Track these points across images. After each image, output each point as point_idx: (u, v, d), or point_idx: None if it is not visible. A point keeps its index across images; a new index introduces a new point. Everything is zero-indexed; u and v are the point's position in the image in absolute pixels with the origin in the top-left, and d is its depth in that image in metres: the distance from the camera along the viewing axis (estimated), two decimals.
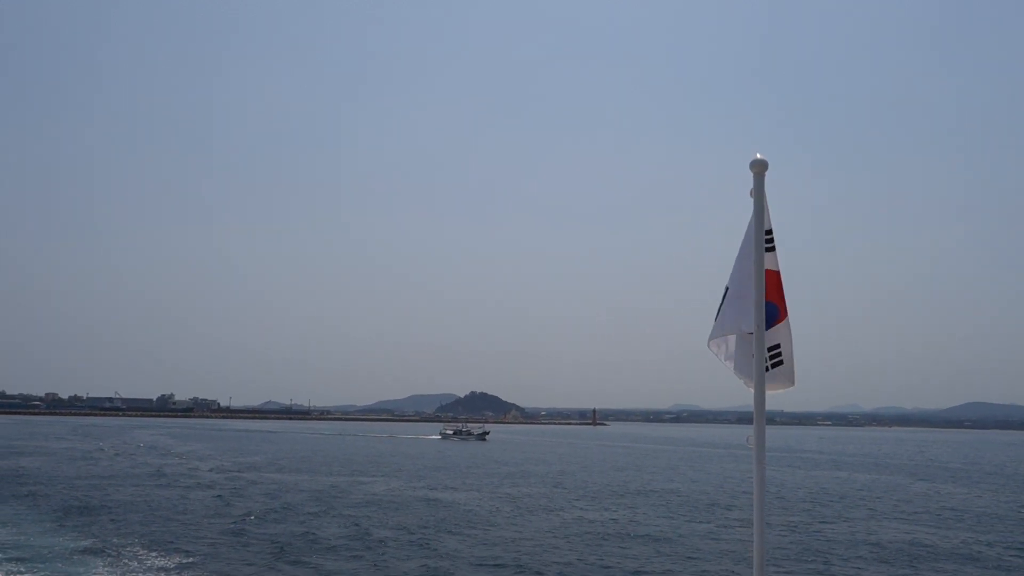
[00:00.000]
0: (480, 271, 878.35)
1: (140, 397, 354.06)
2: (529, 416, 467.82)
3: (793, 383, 5.95)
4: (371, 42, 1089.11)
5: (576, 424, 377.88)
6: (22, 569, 22.24)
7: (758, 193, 5.79)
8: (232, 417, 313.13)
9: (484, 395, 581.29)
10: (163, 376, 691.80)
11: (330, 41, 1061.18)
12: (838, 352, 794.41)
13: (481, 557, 27.17)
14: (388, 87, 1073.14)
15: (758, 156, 5.75)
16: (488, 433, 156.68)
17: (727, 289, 5.97)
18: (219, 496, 42.51)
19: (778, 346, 5.94)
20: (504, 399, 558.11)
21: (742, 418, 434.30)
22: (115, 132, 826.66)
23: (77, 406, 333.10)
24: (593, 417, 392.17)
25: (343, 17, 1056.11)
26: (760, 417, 5.74)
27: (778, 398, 6.11)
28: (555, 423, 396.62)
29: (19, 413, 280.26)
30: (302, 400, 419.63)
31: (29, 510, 35.17)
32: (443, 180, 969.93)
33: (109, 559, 24.58)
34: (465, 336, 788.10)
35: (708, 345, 6.16)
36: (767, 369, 5.86)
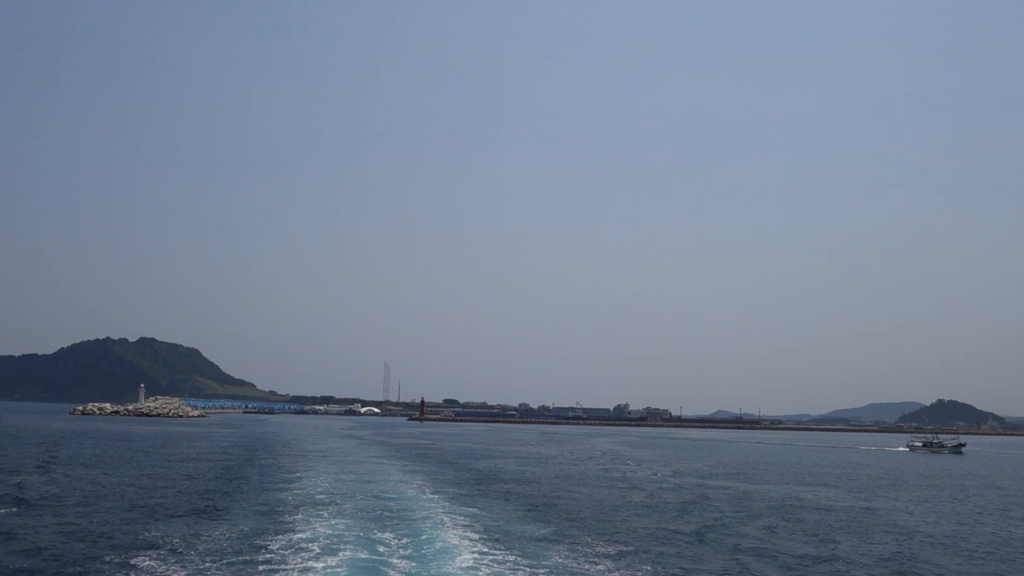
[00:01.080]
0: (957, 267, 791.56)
1: (598, 407, 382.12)
2: (1009, 427, 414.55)
3: None
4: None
5: None
6: (501, 548, 26.72)
7: None
8: (683, 426, 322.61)
9: (954, 403, 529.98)
10: (619, 388, 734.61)
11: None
12: None
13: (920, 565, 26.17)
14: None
15: None
16: (964, 445, 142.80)
17: None
18: (672, 501, 45.15)
19: None
20: (978, 408, 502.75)
21: None
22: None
23: (544, 415, 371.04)
24: None
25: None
26: None
27: None
28: None
29: (497, 421, 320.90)
30: (751, 409, 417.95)
31: (506, 503, 40.77)
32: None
33: (565, 544, 28.17)
34: (927, 336, 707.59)
35: None
36: None
